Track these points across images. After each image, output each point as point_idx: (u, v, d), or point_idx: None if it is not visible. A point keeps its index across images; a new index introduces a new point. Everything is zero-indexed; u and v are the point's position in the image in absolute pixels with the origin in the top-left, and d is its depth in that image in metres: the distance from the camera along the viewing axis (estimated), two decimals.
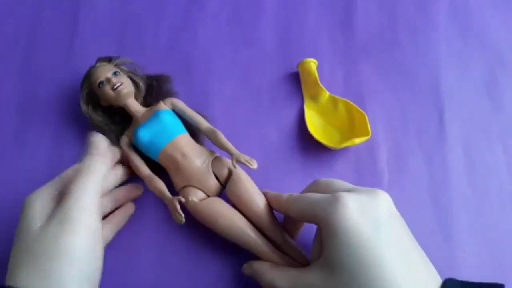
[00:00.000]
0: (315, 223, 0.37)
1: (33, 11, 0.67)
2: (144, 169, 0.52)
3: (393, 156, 0.58)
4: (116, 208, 0.48)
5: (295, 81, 0.62)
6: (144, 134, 0.51)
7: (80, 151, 0.57)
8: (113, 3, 0.68)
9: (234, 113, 0.60)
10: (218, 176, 0.50)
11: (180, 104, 0.55)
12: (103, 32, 0.65)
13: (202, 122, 0.54)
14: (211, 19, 0.67)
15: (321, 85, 0.55)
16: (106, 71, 0.54)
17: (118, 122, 0.57)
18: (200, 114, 0.56)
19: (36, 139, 0.59)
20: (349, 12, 0.67)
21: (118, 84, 0.53)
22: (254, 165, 0.46)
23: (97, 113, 0.56)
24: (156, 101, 0.56)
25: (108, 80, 0.53)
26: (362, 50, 0.65)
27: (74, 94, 0.61)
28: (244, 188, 0.48)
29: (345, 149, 0.58)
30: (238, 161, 0.47)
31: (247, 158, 0.47)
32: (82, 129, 0.58)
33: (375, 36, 0.66)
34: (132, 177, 0.54)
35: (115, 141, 0.55)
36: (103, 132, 0.55)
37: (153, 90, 0.58)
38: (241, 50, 0.65)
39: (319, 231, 0.38)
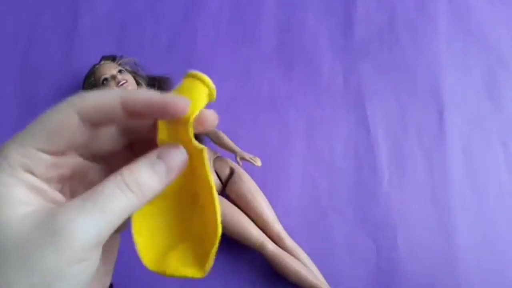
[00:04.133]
0: None
1: (33, 11, 0.67)
2: None
3: (393, 156, 0.58)
4: None
5: (296, 80, 0.62)
6: None
7: None
8: (113, 3, 0.68)
9: (234, 113, 0.61)
10: (219, 174, 0.51)
11: None
12: (103, 32, 0.65)
13: None
14: (211, 19, 0.67)
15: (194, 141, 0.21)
16: (111, 69, 0.55)
17: None
18: None
19: None
20: (349, 12, 0.67)
21: (123, 81, 0.54)
22: (258, 162, 0.48)
23: None
24: None
25: (114, 77, 0.54)
26: (362, 50, 0.65)
27: (74, 94, 0.60)
28: (245, 186, 0.49)
29: (344, 148, 0.58)
30: (243, 159, 0.49)
31: (251, 155, 0.49)
32: None
33: (375, 36, 0.66)
34: None
35: None
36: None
37: (154, 91, 0.59)
38: (241, 50, 0.65)
39: None
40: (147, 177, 0.19)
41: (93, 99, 0.20)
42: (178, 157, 0.20)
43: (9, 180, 0.19)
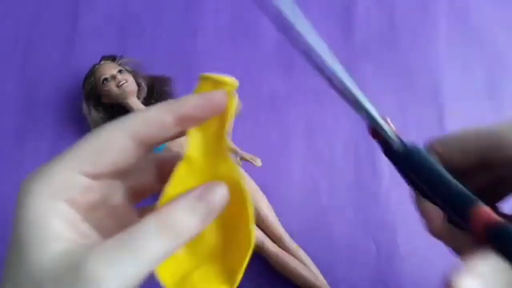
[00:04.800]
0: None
1: (33, 11, 0.67)
2: None
3: None
4: None
5: (296, 80, 0.62)
6: None
7: None
8: (113, 3, 0.68)
9: None
10: None
11: None
12: (103, 32, 0.65)
13: None
14: (211, 19, 0.67)
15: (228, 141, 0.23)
16: (111, 68, 0.55)
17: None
18: None
19: (36, 138, 0.59)
20: (349, 12, 0.67)
21: (123, 81, 0.54)
22: (258, 162, 0.48)
23: (97, 110, 0.57)
24: (157, 101, 0.57)
25: (113, 77, 0.54)
26: (362, 50, 0.65)
27: (74, 94, 0.61)
28: None
29: (344, 148, 0.58)
30: (243, 159, 0.48)
31: (251, 155, 0.49)
32: (82, 128, 0.58)
33: (375, 36, 0.66)
34: None
35: None
36: None
37: (154, 91, 0.59)
38: (241, 50, 0.65)
39: None
40: (187, 218, 0.18)
41: (143, 115, 0.20)
42: (219, 195, 0.19)
43: (48, 212, 0.18)
